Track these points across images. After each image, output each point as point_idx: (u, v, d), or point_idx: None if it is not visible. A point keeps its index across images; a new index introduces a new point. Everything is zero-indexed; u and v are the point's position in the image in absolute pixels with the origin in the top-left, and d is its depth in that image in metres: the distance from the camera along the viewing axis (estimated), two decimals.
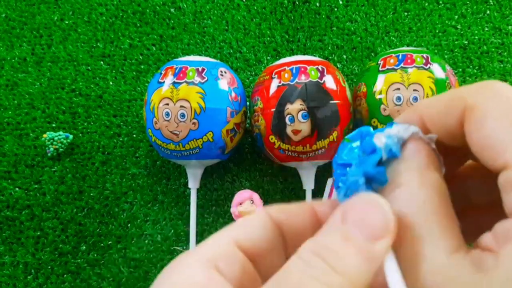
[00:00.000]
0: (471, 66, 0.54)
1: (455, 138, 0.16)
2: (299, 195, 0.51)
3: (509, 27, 0.55)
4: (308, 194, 0.47)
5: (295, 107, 0.42)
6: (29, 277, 0.50)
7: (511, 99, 0.14)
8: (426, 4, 0.56)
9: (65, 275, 0.50)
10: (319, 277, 0.13)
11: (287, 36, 0.56)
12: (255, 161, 0.53)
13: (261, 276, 0.18)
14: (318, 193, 0.50)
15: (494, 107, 0.14)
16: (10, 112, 0.54)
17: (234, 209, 0.47)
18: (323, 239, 0.15)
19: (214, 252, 0.16)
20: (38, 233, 0.51)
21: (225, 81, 0.45)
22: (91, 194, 0.52)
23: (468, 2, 0.56)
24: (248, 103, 0.50)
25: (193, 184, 0.48)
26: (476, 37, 0.55)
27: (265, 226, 0.18)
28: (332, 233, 0.15)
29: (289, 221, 0.18)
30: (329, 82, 0.44)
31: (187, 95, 0.43)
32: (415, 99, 0.42)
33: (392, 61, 0.44)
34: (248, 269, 0.17)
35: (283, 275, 0.14)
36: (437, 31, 0.55)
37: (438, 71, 0.43)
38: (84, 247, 0.50)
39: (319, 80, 0.43)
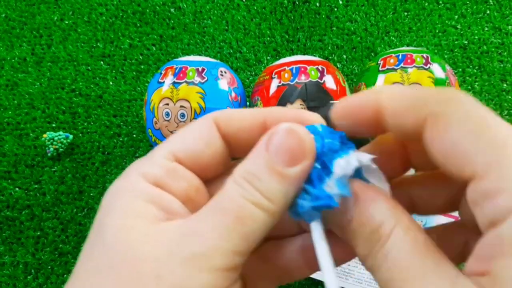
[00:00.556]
0: (471, 66, 0.54)
1: (407, 136, 0.16)
2: None
3: (509, 27, 0.55)
4: None
5: (295, 107, 0.42)
6: (29, 277, 0.50)
7: (477, 110, 0.14)
8: (426, 4, 0.56)
9: (65, 275, 0.50)
10: (251, 199, 0.16)
11: (287, 36, 0.56)
12: None
13: (213, 189, 0.19)
14: None
15: (459, 116, 0.14)
16: (10, 112, 0.54)
17: None
18: (251, 167, 0.17)
19: (153, 170, 0.17)
20: (38, 233, 0.51)
21: (225, 81, 0.45)
22: (91, 194, 0.52)
23: (468, 2, 0.56)
24: (248, 103, 0.50)
25: None
26: (476, 37, 0.55)
27: (208, 138, 0.19)
28: (258, 161, 0.17)
29: (238, 135, 0.19)
30: (329, 82, 0.44)
31: (187, 95, 0.43)
32: None
33: (392, 61, 0.44)
34: (191, 182, 0.18)
35: (222, 196, 0.16)
36: (437, 31, 0.55)
37: (438, 71, 0.43)
38: None
39: (319, 80, 0.43)
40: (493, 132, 0.14)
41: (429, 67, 0.43)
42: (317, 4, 0.57)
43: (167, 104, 0.43)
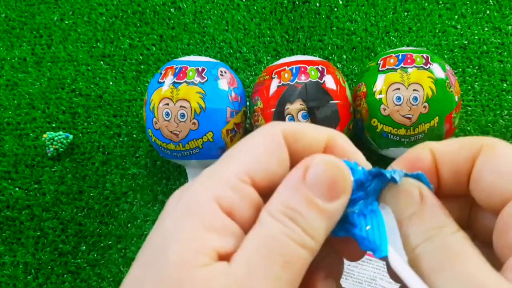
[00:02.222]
0: (471, 66, 0.54)
1: (460, 177, 0.17)
2: None
3: (509, 27, 0.55)
4: None
5: (295, 107, 0.42)
6: (29, 277, 0.50)
7: None
8: (426, 4, 0.56)
9: (65, 275, 0.50)
10: (296, 238, 0.15)
11: (287, 36, 0.56)
12: None
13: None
14: None
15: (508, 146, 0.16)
16: (10, 112, 0.54)
17: None
18: (290, 201, 0.16)
19: (229, 195, 0.16)
20: (38, 233, 0.51)
21: (225, 81, 0.45)
22: (91, 194, 0.52)
23: (468, 2, 0.56)
24: (248, 103, 0.50)
25: None
26: (476, 37, 0.55)
27: (280, 155, 0.17)
28: (295, 193, 0.16)
29: (302, 153, 0.18)
30: (329, 82, 0.44)
31: (187, 95, 0.43)
32: (415, 99, 0.42)
33: (392, 61, 0.44)
34: (259, 207, 0.17)
35: (263, 236, 0.15)
36: (437, 31, 0.55)
37: (438, 71, 0.43)
38: (84, 247, 0.50)
39: (319, 80, 0.43)
40: None
41: (429, 67, 0.43)
42: (317, 4, 0.57)
43: (167, 104, 0.43)
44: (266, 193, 0.17)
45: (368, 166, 0.18)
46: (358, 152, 0.19)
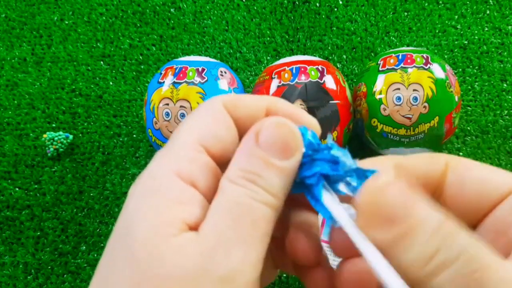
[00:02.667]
0: (471, 66, 0.54)
1: (431, 184, 0.17)
2: None
3: (509, 27, 0.55)
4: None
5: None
6: (29, 277, 0.50)
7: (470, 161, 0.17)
8: (426, 4, 0.56)
9: (65, 275, 0.50)
10: (258, 198, 0.16)
11: (287, 36, 0.56)
12: None
13: None
14: None
15: (470, 162, 0.17)
16: (10, 112, 0.54)
17: None
18: (248, 165, 0.16)
19: (188, 166, 0.16)
20: (38, 233, 0.51)
21: (225, 81, 0.45)
22: (91, 194, 0.52)
23: (468, 2, 0.56)
24: None
25: None
26: (476, 37, 0.55)
27: (226, 122, 0.18)
28: (253, 158, 0.16)
29: (244, 120, 0.18)
30: (329, 82, 0.44)
31: (187, 95, 0.43)
32: (415, 99, 0.42)
33: (392, 61, 0.44)
34: (218, 176, 0.17)
35: (228, 201, 0.16)
36: (437, 31, 0.55)
37: (438, 71, 0.43)
38: (84, 247, 0.50)
39: (319, 80, 0.43)
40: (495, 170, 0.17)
41: (429, 67, 0.43)
42: (317, 4, 0.57)
43: (167, 104, 0.43)
44: (220, 161, 0.18)
45: (316, 126, 0.19)
46: (301, 112, 0.19)
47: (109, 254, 0.16)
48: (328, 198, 0.17)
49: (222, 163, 0.18)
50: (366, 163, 0.17)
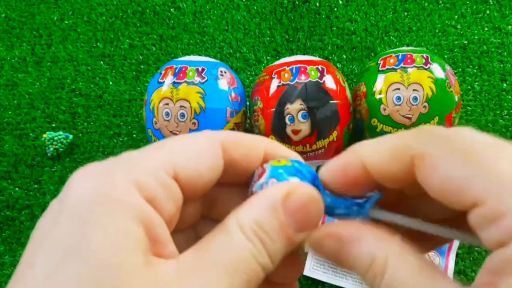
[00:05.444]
0: (471, 66, 0.54)
1: (399, 183, 0.16)
2: None
3: (509, 27, 0.55)
4: None
5: (295, 107, 0.42)
6: None
7: (454, 140, 0.15)
8: (426, 4, 0.56)
9: None
10: (261, 261, 0.15)
11: (287, 36, 0.56)
12: None
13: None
14: None
15: (442, 150, 0.15)
16: (10, 112, 0.54)
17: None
18: (266, 222, 0.15)
19: (149, 182, 0.15)
20: None
21: (225, 81, 0.45)
22: None
23: (468, 2, 0.56)
24: (248, 103, 0.50)
25: None
26: (476, 37, 0.55)
27: (212, 163, 0.17)
28: (273, 218, 0.16)
29: (240, 163, 0.17)
30: (329, 82, 0.44)
31: (187, 95, 0.43)
32: (415, 99, 0.42)
33: (392, 61, 0.44)
34: (179, 204, 0.16)
35: (228, 248, 0.15)
36: (437, 31, 0.55)
37: (438, 71, 0.43)
38: None
39: (319, 80, 0.43)
40: (481, 158, 0.14)
41: (429, 67, 0.43)
42: (317, 4, 0.57)
43: (167, 104, 0.43)
44: (186, 190, 0.16)
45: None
46: (296, 156, 0.19)
47: (51, 263, 0.13)
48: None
49: (188, 193, 0.16)
50: (338, 162, 0.17)
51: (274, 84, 0.44)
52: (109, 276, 0.13)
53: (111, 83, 0.55)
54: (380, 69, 0.44)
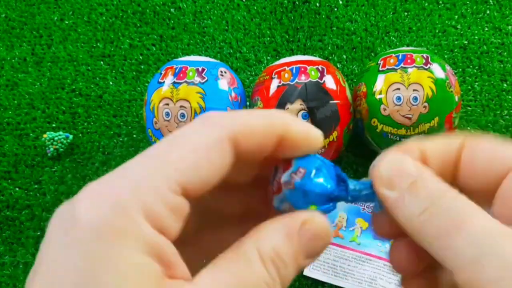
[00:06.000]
0: (471, 66, 0.54)
1: (447, 169, 0.18)
2: None
3: (509, 27, 0.55)
4: None
5: (295, 107, 0.42)
6: None
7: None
8: (426, 4, 0.56)
9: None
10: (271, 285, 0.15)
11: (287, 36, 0.56)
12: None
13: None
14: None
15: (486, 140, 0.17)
16: (10, 112, 0.54)
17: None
18: (281, 249, 0.16)
19: (158, 208, 0.14)
20: (38, 233, 0.51)
21: (225, 81, 0.45)
22: None
23: (468, 2, 0.56)
24: (248, 103, 0.50)
25: None
26: (476, 37, 0.55)
27: (221, 163, 0.15)
28: (288, 245, 0.16)
29: (254, 153, 0.16)
30: (329, 82, 0.44)
31: (187, 95, 0.43)
32: (415, 99, 0.42)
33: (392, 61, 0.44)
34: (185, 216, 0.15)
35: (245, 272, 0.15)
36: (437, 31, 0.55)
37: (438, 71, 0.43)
38: None
39: (319, 80, 0.43)
40: None
41: (429, 67, 0.43)
42: (317, 4, 0.57)
43: (167, 104, 0.43)
44: (192, 199, 0.15)
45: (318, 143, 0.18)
46: (314, 136, 0.18)
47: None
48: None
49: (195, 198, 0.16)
50: (393, 149, 0.18)
51: (274, 84, 0.44)
52: None
53: (111, 83, 0.55)
54: (380, 69, 0.44)
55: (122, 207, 0.13)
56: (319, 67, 0.44)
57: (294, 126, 0.17)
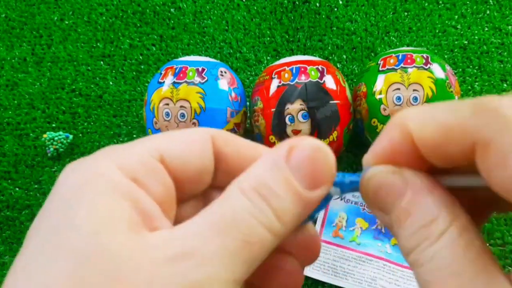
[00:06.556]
0: (471, 66, 0.54)
1: (451, 164, 0.14)
2: None
3: (509, 27, 0.55)
4: None
5: (295, 107, 0.42)
6: None
7: None
8: (426, 4, 0.56)
9: None
10: (263, 220, 0.14)
11: (287, 36, 0.56)
12: None
13: (177, 200, 0.16)
14: None
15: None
16: (10, 112, 0.54)
17: None
18: (267, 178, 0.14)
19: (132, 163, 0.15)
20: None
21: (225, 81, 0.45)
22: None
23: (468, 2, 0.56)
24: (248, 103, 0.50)
25: None
26: (476, 37, 0.55)
27: (201, 150, 0.16)
28: (275, 172, 0.14)
29: (231, 159, 0.17)
30: (329, 82, 0.44)
31: (187, 95, 0.43)
32: (415, 99, 0.42)
33: (392, 61, 0.44)
34: (169, 190, 0.15)
35: (225, 209, 0.14)
36: (437, 31, 0.55)
37: (438, 71, 0.43)
38: None
39: (319, 80, 0.43)
40: None
41: (429, 67, 0.43)
42: (317, 4, 0.57)
43: (167, 104, 0.43)
44: (175, 176, 0.16)
45: None
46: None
47: (39, 244, 0.13)
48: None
49: (180, 191, 0.16)
50: (379, 140, 0.16)
51: (274, 84, 0.44)
52: (92, 246, 0.13)
53: (111, 83, 0.55)
54: (380, 69, 0.44)
55: (98, 164, 0.15)
56: (319, 67, 0.44)
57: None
